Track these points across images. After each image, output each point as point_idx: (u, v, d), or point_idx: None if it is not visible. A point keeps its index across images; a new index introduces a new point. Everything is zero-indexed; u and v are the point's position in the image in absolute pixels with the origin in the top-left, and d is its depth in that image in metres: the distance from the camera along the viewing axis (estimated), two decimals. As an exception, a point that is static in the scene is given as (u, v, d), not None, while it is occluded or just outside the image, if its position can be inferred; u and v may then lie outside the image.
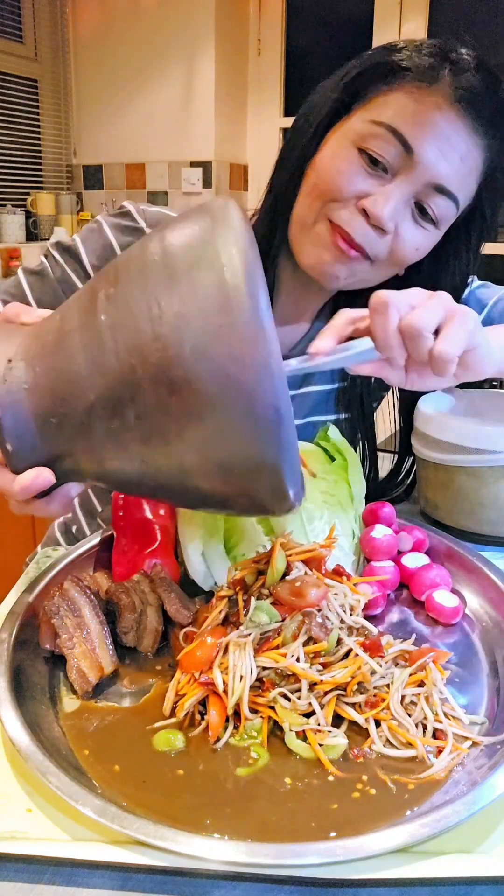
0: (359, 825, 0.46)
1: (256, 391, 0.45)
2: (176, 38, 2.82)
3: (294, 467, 0.49)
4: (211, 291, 0.45)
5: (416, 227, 0.76)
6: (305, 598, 0.58)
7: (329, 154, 0.76)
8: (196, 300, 0.45)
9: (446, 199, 0.74)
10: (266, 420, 0.46)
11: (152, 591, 0.65)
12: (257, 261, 0.45)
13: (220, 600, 0.61)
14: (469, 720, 0.55)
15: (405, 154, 0.72)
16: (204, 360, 0.45)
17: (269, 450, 0.48)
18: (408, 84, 0.72)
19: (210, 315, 0.45)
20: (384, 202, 0.73)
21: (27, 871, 0.44)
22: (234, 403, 0.46)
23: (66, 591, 0.62)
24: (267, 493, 0.51)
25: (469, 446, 0.81)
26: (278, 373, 0.45)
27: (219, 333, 0.45)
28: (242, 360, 0.44)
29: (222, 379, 0.45)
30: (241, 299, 0.44)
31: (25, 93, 2.94)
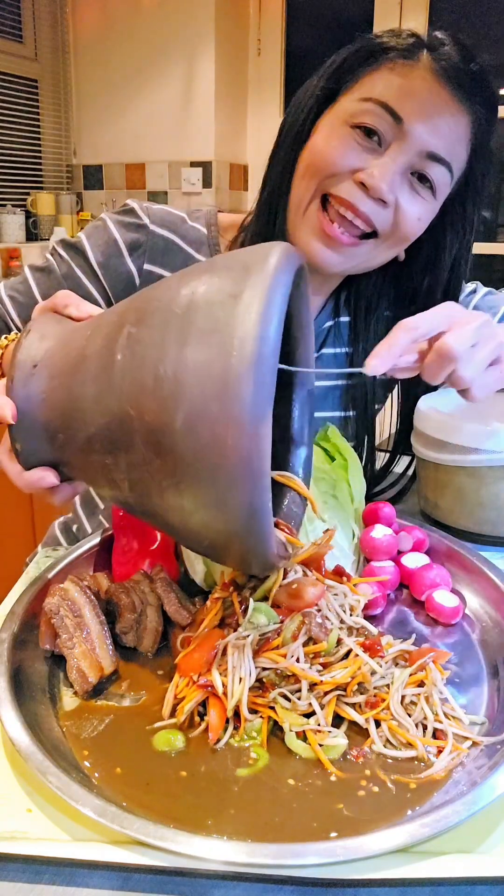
0: (359, 825, 0.46)
1: (233, 484, 0.45)
2: (176, 38, 2.82)
3: (264, 550, 0.49)
4: (215, 370, 0.44)
5: (415, 196, 0.78)
6: (303, 598, 0.58)
7: (323, 135, 0.78)
8: (199, 373, 0.44)
9: (440, 166, 0.76)
10: (238, 513, 0.46)
11: (152, 591, 0.65)
12: (276, 342, 0.44)
13: (214, 602, 0.61)
14: (469, 720, 0.55)
15: (396, 125, 0.74)
16: (191, 436, 0.45)
17: (238, 539, 0.48)
18: (391, 62, 0.75)
19: (207, 394, 0.44)
20: (381, 174, 0.75)
21: (27, 871, 0.44)
22: (209, 488, 0.45)
23: (66, 591, 0.62)
24: (238, 563, 0.53)
25: (469, 446, 0.81)
26: (258, 471, 0.44)
27: (210, 415, 0.44)
28: (225, 450, 0.44)
29: (203, 460, 0.45)
30: (239, 391, 0.43)
31: (25, 93, 2.94)
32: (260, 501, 0.46)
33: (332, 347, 0.96)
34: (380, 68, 0.76)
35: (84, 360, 0.52)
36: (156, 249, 0.89)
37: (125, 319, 0.50)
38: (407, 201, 0.77)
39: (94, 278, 0.88)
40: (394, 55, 0.75)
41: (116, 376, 0.48)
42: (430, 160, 0.76)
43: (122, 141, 3.04)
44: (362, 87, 0.76)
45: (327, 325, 0.96)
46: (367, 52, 0.77)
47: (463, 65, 0.74)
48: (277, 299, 0.45)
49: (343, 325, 0.97)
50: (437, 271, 0.88)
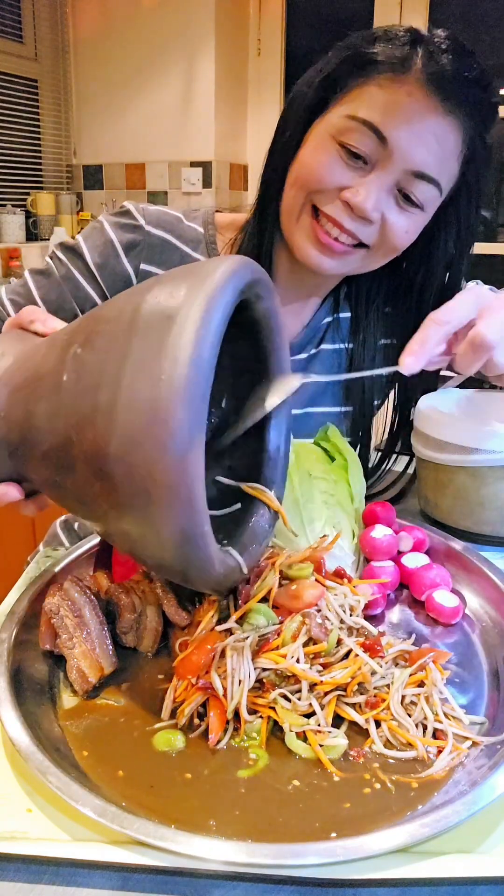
0: (359, 825, 0.46)
1: (164, 511, 0.44)
2: (176, 39, 2.82)
3: (205, 575, 0.50)
4: (144, 396, 0.43)
5: (402, 212, 0.78)
6: (302, 599, 0.58)
7: (311, 148, 0.78)
8: (131, 400, 0.44)
9: (427, 184, 0.76)
10: (171, 539, 0.46)
11: (152, 591, 0.65)
12: (209, 365, 0.43)
13: (210, 604, 0.61)
14: (469, 720, 0.55)
15: (381, 145, 0.74)
16: (123, 463, 0.44)
17: (178, 564, 0.48)
18: (380, 76, 0.74)
19: (137, 421, 0.44)
20: (366, 194, 0.75)
21: (27, 871, 0.44)
22: (143, 515, 0.45)
23: (66, 591, 0.62)
24: (189, 584, 0.54)
25: (469, 446, 0.81)
26: (187, 497, 0.44)
27: (140, 443, 0.43)
28: (154, 477, 0.43)
29: (136, 487, 0.44)
30: (166, 417, 0.42)
31: (25, 93, 2.94)
32: (191, 527, 0.45)
33: (332, 343, 0.97)
34: (369, 82, 0.74)
35: (38, 379, 0.52)
36: (152, 249, 0.89)
37: (74, 339, 0.50)
38: (394, 216, 0.77)
39: (92, 280, 0.89)
40: (384, 68, 0.73)
41: (63, 397, 0.49)
42: (416, 178, 0.75)
43: (122, 141, 3.04)
44: (350, 101, 0.76)
45: (326, 321, 0.97)
46: (359, 62, 0.75)
47: (457, 73, 0.73)
48: (214, 319, 0.44)
49: (342, 321, 0.97)
50: (430, 267, 0.88)
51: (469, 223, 0.86)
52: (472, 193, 0.83)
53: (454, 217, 0.84)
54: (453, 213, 0.84)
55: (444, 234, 0.86)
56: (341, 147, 0.75)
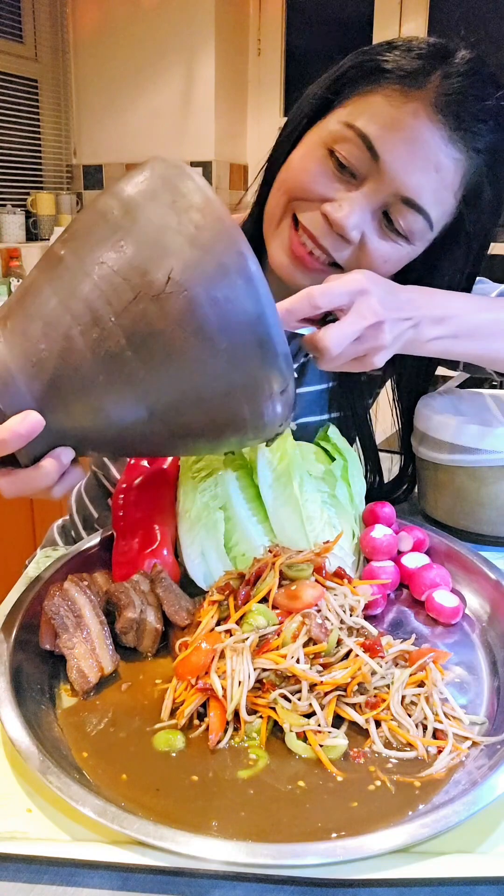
0: (359, 825, 0.46)
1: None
2: (176, 39, 2.82)
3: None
4: (163, 196, 0.50)
5: (384, 239, 0.72)
6: (301, 599, 0.58)
7: (300, 152, 0.74)
8: (153, 201, 0.51)
9: (415, 214, 0.70)
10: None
11: (152, 591, 0.65)
12: None
13: (211, 605, 0.61)
14: (469, 720, 0.55)
15: (373, 162, 0.68)
16: (171, 242, 0.49)
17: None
18: (389, 87, 0.68)
19: None
20: (347, 210, 0.69)
21: (27, 871, 0.44)
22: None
23: (66, 591, 0.62)
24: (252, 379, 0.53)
25: (469, 446, 0.81)
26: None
27: None
28: None
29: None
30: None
31: (25, 93, 2.94)
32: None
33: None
34: (376, 91, 0.69)
35: (29, 284, 0.53)
36: None
37: (56, 244, 0.54)
38: (375, 242, 0.71)
39: None
40: (395, 79, 0.68)
41: (66, 261, 0.51)
42: (404, 205, 0.69)
43: (122, 141, 3.04)
44: (353, 107, 0.70)
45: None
46: (371, 67, 0.70)
47: (473, 102, 0.67)
48: None
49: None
50: None
51: (465, 272, 0.78)
52: (472, 246, 0.76)
53: (451, 263, 0.77)
54: (449, 258, 0.77)
55: (438, 279, 0.77)
56: (331, 155, 0.70)
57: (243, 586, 0.61)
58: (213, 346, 0.49)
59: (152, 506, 0.74)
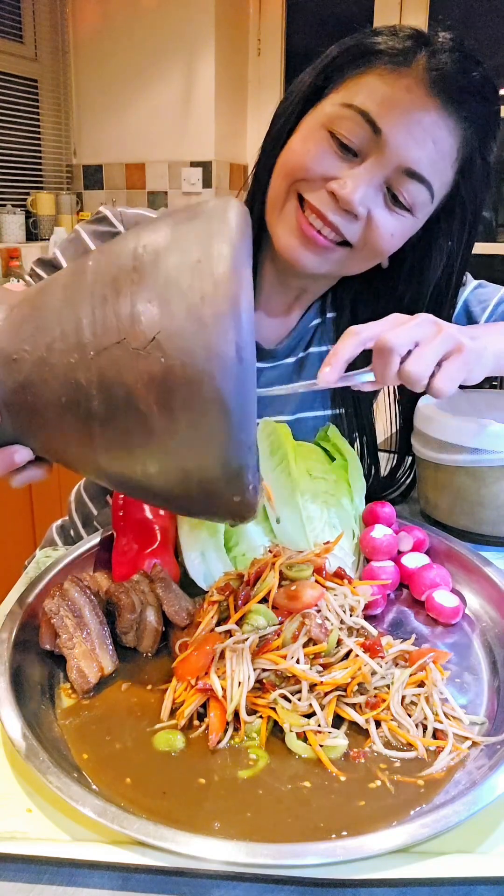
0: (359, 825, 0.46)
1: (219, 426, 0.44)
2: (176, 39, 2.82)
3: (248, 504, 0.49)
4: (194, 246, 0.45)
5: (389, 212, 0.75)
6: (301, 600, 0.58)
7: (301, 136, 0.76)
8: (180, 253, 0.45)
9: (418, 185, 0.73)
10: (221, 463, 0.46)
11: (152, 591, 0.65)
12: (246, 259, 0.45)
13: (211, 605, 0.61)
14: (469, 720, 0.55)
15: (374, 137, 0.71)
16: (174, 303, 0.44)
17: (218, 487, 0.47)
18: (380, 67, 0.72)
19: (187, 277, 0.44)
20: (353, 185, 0.72)
21: (27, 871, 0.44)
22: (194, 433, 0.45)
23: (66, 591, 0.62)
24: (211, 489, 0.49)
25: (469, 446, 0.81)
26: (245, 412, 0.44)
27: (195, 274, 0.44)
28: (217, 388, 0.44)
29: (193, 403, 0.44)
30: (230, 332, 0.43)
31: (25, 93, 2.94)
32: (243, 452, 0.46)
33: (320, 346, 0.95)
34: (368, 72, 0.72)
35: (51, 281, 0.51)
36: None
37: (88, 255, 0.51)
38: (381, 216, 0.74)
39: None
40: (385, 59, 0.71)
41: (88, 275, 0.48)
42: (407, 177, 0.72)
43: (122, 141, 3.04)
44: (347, 89, 0.73)
45: (314, 323, 0.95)
46: (360, 51, 0.73)
47: (460, 76, 0.71)
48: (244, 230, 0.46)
49: (329, 322, 0.95)
50: (421, 286, 0.85)
51: (462, 241, 0.82)
52: (467, 213, 0.80)
53: (446, 232, 0.81)
54: (445, 227, 0.80)
55: (437, 250, 0.82)
56: (332, 136, 0.73)
57: (243, 587, 0.61)
58: (173, 426, 0.46)
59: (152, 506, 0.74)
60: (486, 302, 0.93)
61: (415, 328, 0.62)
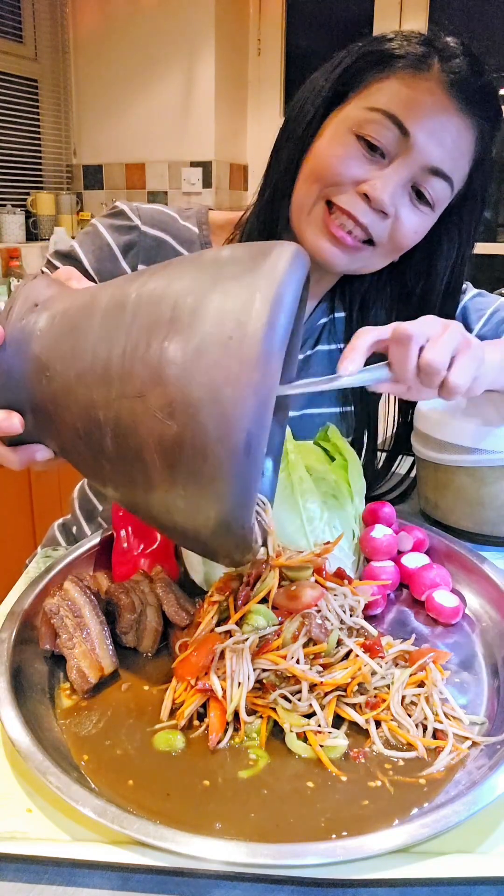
0: (359, 825, 0.46)
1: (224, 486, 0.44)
2: (176, 39, 2.82)
3: (242, 554, 0.49)
4: (231, 318, 0.43)
5: (414, 210, 0.78)
6: (301, 600, 0.58)
7: (327, 141, 0.78)
8: (215, 322, 0.43)
9: (442, 182, 0.77)
10: (218, 519, 0.45)
11: (152, 591, 0.65)
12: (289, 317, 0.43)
13: (211, 605, 0.61)
14: (469, 720, 0.55)
15: (402, 138, 0.74)
16: (198, 367, 0.44)
17: (211, 540, 0.47)
18: (400, 71, 0.75)
19: (217, 344, 0.43)
20: (384, 186, 0.75)
21: (27, 871, 0.44)
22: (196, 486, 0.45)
23: (66, 591, 0.62)
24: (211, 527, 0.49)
25: (469, 446, 0.81)
26: (248, 477, 0.43)
27: (220, 356, 0.43)
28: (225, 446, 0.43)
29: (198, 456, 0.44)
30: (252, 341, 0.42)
31: (25, 93, 2.94)
32: (242, 510, 0.45)
33: (327, 344, 0.97)
34: (389, 77, 0.75)
35: (93, 300, 0.51)
36: (149, 249, 0.89)
37: (142, 273, 0.50)
38: (406, 213, 0.78)
39: None
40: (404, 64, 0.75)
41: (128, 314, 0.47)
42: (432, 175, 0.76)
43: (122, 141, 3.04)
44: (370, 94, 0.76)
45: (322, 321, 0.96)
46: (378, 57, 0.76)
47: (473, 78, 0.74)
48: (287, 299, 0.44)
49: (338, 321, 0.97)
50: (431, 278, 0.88)
51: (471, 230, 0.87)
52: (478, 201, 0.84)
53: (457, 224, 0.85)
54: (457, 219, 0.84)
55: (447, 241, 0.86)
56: (359, 140, 0.75)
57: (243, 587, 0.61)
58: (175, 489, 0.46)
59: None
60: (483, 311, 0.95)
61: (423, 324, 0.63)
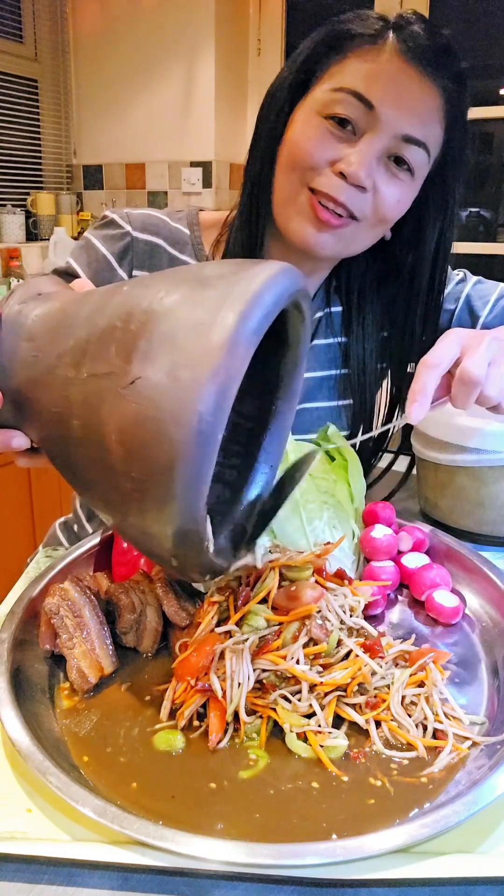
0: (359, 825, 0.46)
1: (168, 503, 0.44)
2: (176, 39, 2.82)
3: (201, 571, 0.49)
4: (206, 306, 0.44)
5: (393, 179, 0.79)
6: (301, 600, 0.58)
7: (298, 128, 0.79)
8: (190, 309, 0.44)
9: (416, 148, 0.77)
10: (170, 536, 0.46)
11: (152, 591, 0.65)
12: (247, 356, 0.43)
13: (211, 605, 0.61)
14: (469, 720, 0.55)
15: (368, 112, 0.75)
16: (164, 348, 0.44)
17: (169, 556, 0.48)
18: (358, 49, 0.76)
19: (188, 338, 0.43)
20: (359, 161, 0.76)
21: (27, 871, 0.44)
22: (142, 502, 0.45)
23: (66, 591, 0.62)
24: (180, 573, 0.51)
25: (469, 446, 0.81)
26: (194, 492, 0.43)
27: (162, 419, 0.43)
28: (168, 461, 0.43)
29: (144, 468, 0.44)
30: (198, 397, 0.42)
31: (25, 93, 2.94)
32: (192, 528, 0.45)
33: (325, 338, 0.97)
34: (348, 56, 0.76)
35: (89, 294, 0.52)
36: (142, 254, 0.89)
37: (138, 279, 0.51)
38: (385, 185, 0.78)
39: None
40: (360, 41, 0.76)
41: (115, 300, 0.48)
42: (405, 143, 0.76)
43: (122, 141, 3.04)
44: (332, 76, 0.77)
45: (318, 315, 0.96)
46: (334, 39, 0.78)
47: (429, 41, 0.75)
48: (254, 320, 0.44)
49: (335, 315, 0.97)
50: (421, 246, 0.89)
51: (455, 194, 0.87)
52: (458, 165, 0.84)
53: (441, 187, 0.85)
54: (440, 182, 0.85)
55: (433, 207, 0.86)
56: (328, 120, 0.76)
57: (243, 588, 0.61)
58: (128, 471, 0.46)
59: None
60: (487, 297, 0.95)
61: (486, 350, 0.65)
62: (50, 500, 2.13)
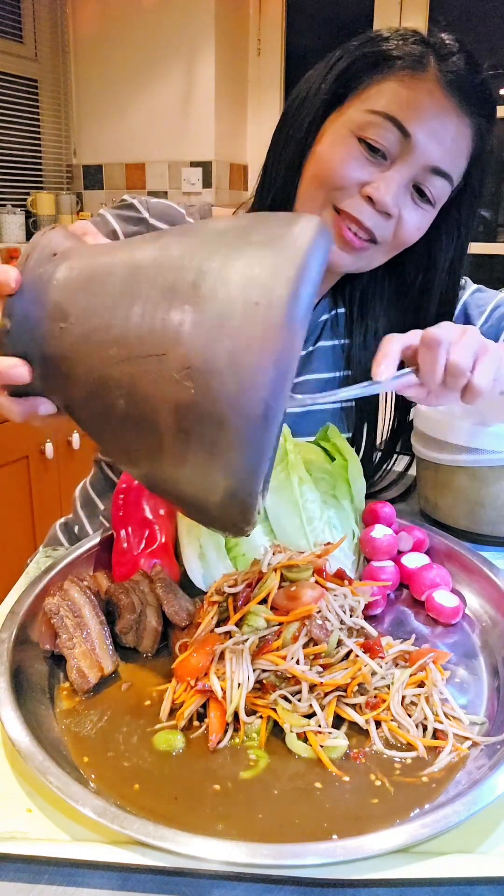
0: (359, 825, 0.46)
1: (237, 453, 0.43)
2: (176, 39, 2.82)
3: (243, 525, 0.48)
4: (257, 283, 0.42)
5: (416, 208, 0.79)
6: (301, 601, 0.58)
7: (328, 144, 0.78)
8: (240, 287, 0.42)
9: (442, 180, 0.78)
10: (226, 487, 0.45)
11: (152, 591, 0.65)
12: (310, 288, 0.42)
13: (211, 605, 0.61)
14: (469, 720, 0.55)
15: (403, 139, 0.75)
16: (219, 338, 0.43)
17: (216, 509, 0.47)
18: (399, 72, 0.75)
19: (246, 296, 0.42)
20: (387, 188, 0.76)
21: (27, 871, 0.44)
22: (207, 453, 0.44)
23: (66, 591, 0.62)
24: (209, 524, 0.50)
25: (469, 446, 0.81)
26: (261, 446, 0.43)
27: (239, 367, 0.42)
28: (242, 411, 0.42)
29: (212, 423, 0.43)
30: (273, 345, 0.41)
31: (25, 93, 2.94)
32: (251, 480, 0.44)
33: (329, 339, 0.97)
34: (388, 78, 0.76)
35: (113, 257, 0.49)
36: None
37: (158, 234, 0.49)
38: (409, 212, 0.79)
39: None
40: (401, 65, 0.75)
41: (150, 271, 0.46)
42: (433, 174, 0.77)
43: (122, 141, 3.04)
44: (369, 97, 0.76)
45: (324, 317, 0.97)
46: (375, 58, 0.76)
47: (471, 77, 0.75)
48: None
49: (341, 317, 0.98)
50: (431, 272, 0.89)
51: (469, 224, 0.87)
52: (476, 194, 0.85)
53: (456, 218, 0.86)
54: (455, 213, 0.85)
55: (446, 236, 0.87)
56: (361, 142, 0.76)
57: (244, 588, 0.61)
58: (184, 456, 0.45)
59: (152, 505, 0.74)
60: (483, 306, 0.96)
61: (447, 329, 0.64)
62: (50, 500, 2.13)
